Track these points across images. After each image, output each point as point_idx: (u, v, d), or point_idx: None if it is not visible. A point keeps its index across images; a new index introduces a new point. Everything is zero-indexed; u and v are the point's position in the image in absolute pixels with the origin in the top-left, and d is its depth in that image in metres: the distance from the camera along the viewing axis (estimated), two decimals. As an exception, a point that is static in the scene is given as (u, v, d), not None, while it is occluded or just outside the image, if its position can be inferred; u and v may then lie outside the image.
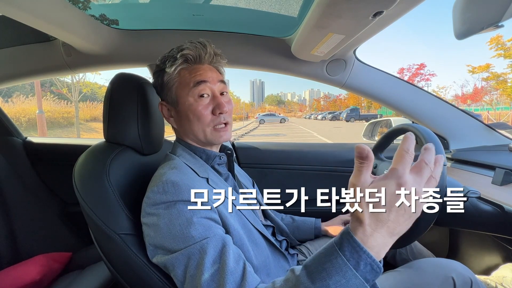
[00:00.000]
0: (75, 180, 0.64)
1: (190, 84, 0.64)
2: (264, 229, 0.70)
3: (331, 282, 0.37)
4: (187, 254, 0.51)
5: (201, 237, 0.52)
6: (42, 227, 1.25)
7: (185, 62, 0.65)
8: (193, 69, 0.65)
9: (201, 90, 0.63)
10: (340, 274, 0.37)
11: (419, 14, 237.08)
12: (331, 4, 0.67)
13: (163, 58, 0.67)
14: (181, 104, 0.65)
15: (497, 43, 14.78)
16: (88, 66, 1.18)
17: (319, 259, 0.40)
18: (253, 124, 24.76)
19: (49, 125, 12.25)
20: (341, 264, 0.37)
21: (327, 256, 0.39)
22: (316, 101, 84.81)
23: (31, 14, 0.76)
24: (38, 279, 0.94)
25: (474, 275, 0.68)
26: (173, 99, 0.66)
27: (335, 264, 0.37)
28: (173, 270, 0.52)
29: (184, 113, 0.65)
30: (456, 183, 0.69)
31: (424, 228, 0.62)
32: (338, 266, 0.37)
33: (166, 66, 0.65)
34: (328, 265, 0.38)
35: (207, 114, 0.64)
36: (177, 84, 0.65)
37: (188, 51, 0.64)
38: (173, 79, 0.65)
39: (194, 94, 0.64)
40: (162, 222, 0.53)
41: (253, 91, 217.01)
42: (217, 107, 0.64)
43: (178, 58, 0.64)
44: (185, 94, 0.64)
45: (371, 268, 0.37)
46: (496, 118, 18.12)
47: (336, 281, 0.37)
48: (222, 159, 0.71)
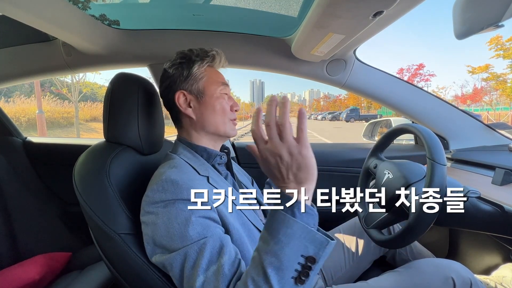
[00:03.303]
0: (75, 180, 0.64)
1: (219, 83, 0.71)
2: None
3: (280, 235, 0.44)
4: (184, 253, 0.51)
5: (199, 237, 0.52)
6: (42, 227, 1.24)
7: (213, 61, 0.72)
8: (216, 71, 0.73)
9: (225, 90, 0.72)
10: (285, 226, 0.44)
11: (419, 14, 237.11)
12: (331, 4, 0.67)
13: (187, 54, 0.71)
14: (209, 96, 0.69)
15: (496, 43, 14.80)
16: (88, 66, 1.18)
17: (268, 225, 0.47)
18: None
19: (49, 125, 12.25)
20: (282, 218, 0.45)
21: (271, 218, 0.46)
22: (316, 101, 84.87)
23: (31, 13, 0.76)
24: (37, 279, 0.94)
25: (474, 275, 0.68)
26: (200, 90, 0.69)
27: (278, 220, 0.45)
28: (171, 270, 0.52)
29: (211, 104, 0.69)
30: (456, 183, 0.69)
31: (424, 228, 0.62)
32: (281, 221, 0.45)
33: (195, 61, 0.69)
34: (275, 224, 0.45)
35: (229, 109, 0.71)
36: (207, 78, 0.70)
37: (213, 52, 0.71)
38: (202, 72, 0.70)
39: (221, 91, 0.70)
40: (161, 221, 0.53)
41: (253, 91, 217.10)
42: (234, 105, 0.73)
43: (209, 56, 0.70)
44: (215, 88, 0.70)
45: (306, 212, 0.45)
46: (495, 118, 18.14)
47: (284, 233, 0.44)
48: (223, 158, 0.72)
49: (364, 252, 0.89)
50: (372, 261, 0.92)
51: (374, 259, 0.92)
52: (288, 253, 0.43)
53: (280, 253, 0.43)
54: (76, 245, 1.26)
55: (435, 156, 0.63)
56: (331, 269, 0.86)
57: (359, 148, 1.37)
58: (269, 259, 0.44)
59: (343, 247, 0.89)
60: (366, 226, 0.78)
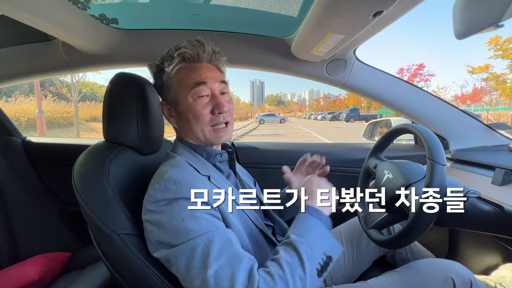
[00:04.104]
0: (75, 180, 0.64)
1: (189, 85, 0.63)
2: (265, 227, 0.70)
3: (313, 233, 0.56)
4: (192, 246, 0.51)
5: (204, 230, 0.52)
6: (41, 227, 1.24)
7: (183, 61, 0.64)
8: (192, 69, 0.64)
9: (200, 91, 0.63)
10: (317, 228, 0.57)
11: (419, 14, 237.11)
12: (331, 4, 0.67)
13: (162, 58, 0.67)
14: (181, 104, 0.65)
15: (496, 43, 14.79)
16: (88, 65, 1.18)
17: (299, 225, 0.58)
18: (252, 124, 24.74)
19: (49, 125, 12.23)
20: (312, 221, 0.58)
21: (303, 220, 0.58)
22: (316, 101, 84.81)
23: (31, 13, 0.76)
24: (37, 279, 0.94)
25: (474, 275, 0.68)
26: (173, 99, 0.66)
27: (311, 222, 0.58)
28: (176, 263, 0.52)
29: (183, 113, 0.65)
30: (456, 183, 0.69)
31: (424, 228, 0.62)
32: (314, 224, 0.57)
33: (164, 66, 0.65)
34: (307, 224, 0.57)
35: (206, 113, 0.63)
36: (176, 84, 0.65)
37: (185, 49, 0.63)
38: (172, 78, 0.65)
39: (193, 95, 0.63)
40: (165, 218, 0.53)
41: (253, 91, 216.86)
42: (216, 106, 0.63)
43: (175, 57, 0.63)
44: (185, 94, 0.63)
45: (326, 220, 0.59)
46: (495, 118, 18.14)
47: (316, 233, 0.56)
48: (223, 156, 0.71)
49: (364, 252, 0.89)
50: (372, 261, 0.92)
51: (374, 259, 0.92)
52: (317, 248, 0.54)
53: (313, 246, 0.54)
54: (76, 245, 1.26)
55: (435, 156, 0.62)
56: (331, 269, 0.85)
57: (359, 148, 1.37)
58: (304, 248, 0.53)
59: (343, 247, 0.89)
60: (366, 226, 0.78)
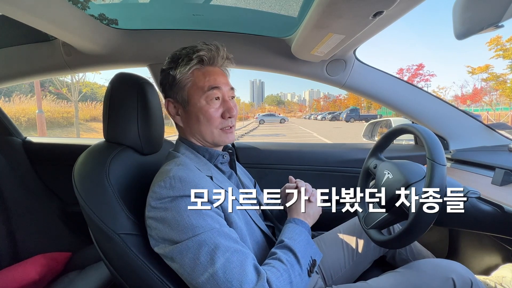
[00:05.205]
0: (75, 180, 0.64)
1: (204, 88, 0.64)
2: (266, 227, 0.70)
3: (303, 238, 0.63)
4: (198, 241, 0.51)
5: (210, 227, 0.53)
6: (41, 227, 1.24)
7: (199, 63, 0.65)
8: (206, 72, 0.66)
9: (214, 95, 0.65)
10: (306, 236, 0.64)
11: (419, 14, 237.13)
12: (331, 4, 0.67)
13: (176, 56, 0.66)
14: (192, 105, 0.65)
15: (496, 43, 14.79)
16: (88, 66, 1.18)
17: (289, 231, 0.64)
18: (252, 125, 24.72)
19: (49, 125, 12.24)
20: (299, 229, 0.65)
21: (291, 228, 0.65)
22: (316, 101, 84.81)
23: (31, 13, 0.76)
24: (37, 279, 0.94)
25: (474, 275, 0.68)
26: (184, 99, 0.66)
27: (301, 231, 0.65)
28: (180, 259, 0.52)
29: (194, 113, 0.66)
30: (456, 183, 0.69)
31: (424, 228, 0.62)
32: (300, 230, 0.65)
33: (179, 65, 0.65)
34: (296, 230, 0.64)
35: (217, 117, 0.66)
36: (191, 84, 0.65)
37: (204, 52, 0.65)
38: (186, 78, 0.65)
39: (206, 97, 0.64)
40: (169, 215, 0.54)
41: (253, 91, 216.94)
42: (227, 111, 0.66)
43: (193, 59, 0.64)
44: (198, 96, 0.65)
45: (309, 230, 0.67)
46: (495, 118, 18.14)
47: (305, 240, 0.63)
48: (225, 158, 0.71)
49: (364, 252, 0.89)
50: (372, 261, 0.92)
51: (374, 259, 0.92)
52: (307, 251, 0.62)
53: (304, 248, 0.61)
54: (76, 245, 1.26)
55: (435, 156, 0.62)
56: (331, 269, 0.85)
57: (359, 148, 1.37)
58: (298, 249, 0.60)
59: (343, 247, 0.89)
60: (366, 226, 0.78)
